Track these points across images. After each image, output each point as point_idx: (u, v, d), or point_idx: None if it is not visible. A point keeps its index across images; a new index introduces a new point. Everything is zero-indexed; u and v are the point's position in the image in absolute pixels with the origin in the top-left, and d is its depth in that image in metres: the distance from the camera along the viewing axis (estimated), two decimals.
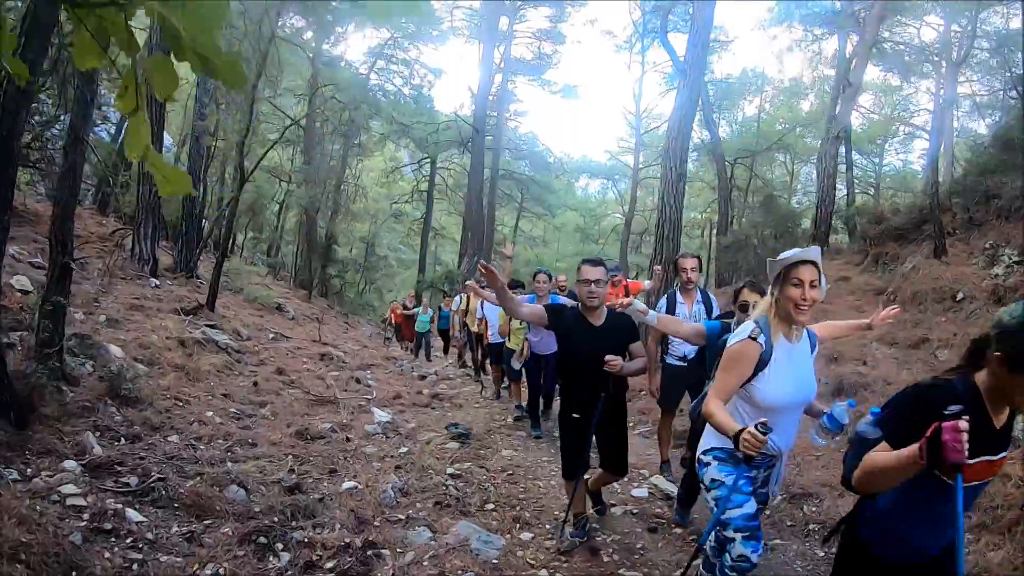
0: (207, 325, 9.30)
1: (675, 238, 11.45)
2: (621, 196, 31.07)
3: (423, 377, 10.24)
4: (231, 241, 25.56)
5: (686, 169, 11.64)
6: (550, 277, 6.52)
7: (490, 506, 4.52)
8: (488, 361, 8.90)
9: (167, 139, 21.79)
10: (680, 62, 20.13)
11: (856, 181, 25.33)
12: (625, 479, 4.72)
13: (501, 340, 7.61)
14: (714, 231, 24.41)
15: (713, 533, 2.80)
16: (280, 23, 15.48)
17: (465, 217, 28.80)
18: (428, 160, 33.91)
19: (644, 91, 27.72)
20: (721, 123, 29.92)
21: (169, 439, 4.92)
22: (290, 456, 5.05)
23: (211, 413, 5.73)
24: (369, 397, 7.94)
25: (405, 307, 14.00)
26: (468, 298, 9.68)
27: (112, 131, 18.44)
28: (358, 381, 8.83)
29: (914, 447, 1.69)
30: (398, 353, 14.46)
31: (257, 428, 5.72)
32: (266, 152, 13.29)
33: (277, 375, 8.20)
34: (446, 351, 14.39)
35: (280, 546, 3.46)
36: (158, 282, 11.81)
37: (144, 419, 5.11)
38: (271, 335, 11.21)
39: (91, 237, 14.54)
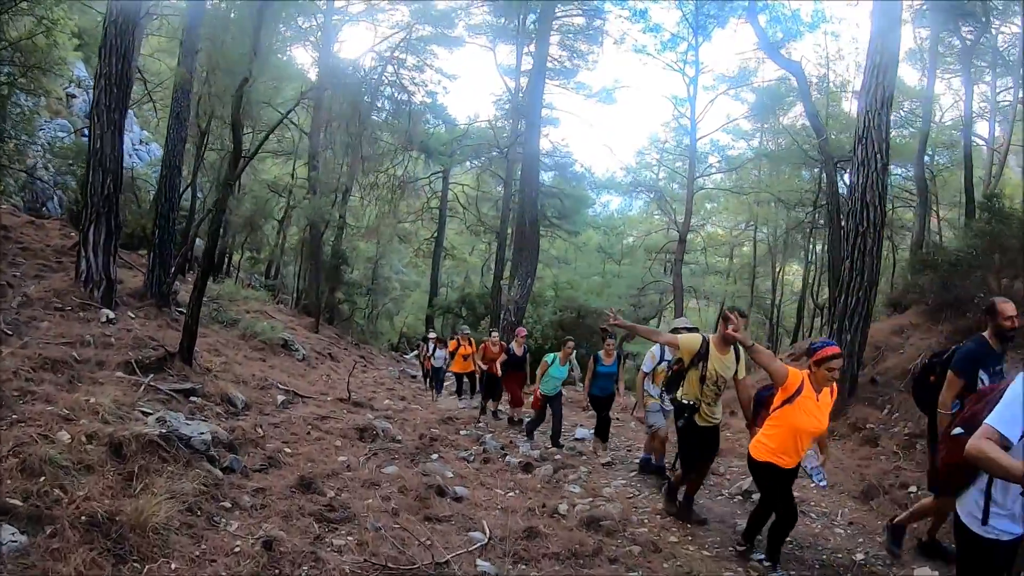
0: (176, 392, 5.51)
1: (877, 251, 7.82)
2: (672, 210, 27.36)
3: (527, 467, 6.39)
4: (226, 259, 21.93)
5: (889, 157, 8.07)
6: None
7: None
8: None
9: (157, 148, 18.21)
10: (768, 42, 16.80)
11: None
12: None
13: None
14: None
15: None
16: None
17: (500, 231, 25.22)
18: (440, 174, 30.45)
19: (694, 93, 23.93)
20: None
21: None
22: None
23: None
24: (482, 541, 4.16)
25: (507, 350, 9.10)
26: (707, 347, 4.59)
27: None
28: (441, 492, 5.01)
29: None
30: (447, 406, 10.63)
31: None
32: (271, 131, 9.61)
33: (302, 496, 4.39)
34: (604, 434, 7.61)
35: None
36: (113, 314, 8.02)
37: None
38: (280, 396, 7.39)
39: (43, 251, 10.83)
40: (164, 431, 4.02)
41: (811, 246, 22.94)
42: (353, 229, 27.27)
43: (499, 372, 9.19)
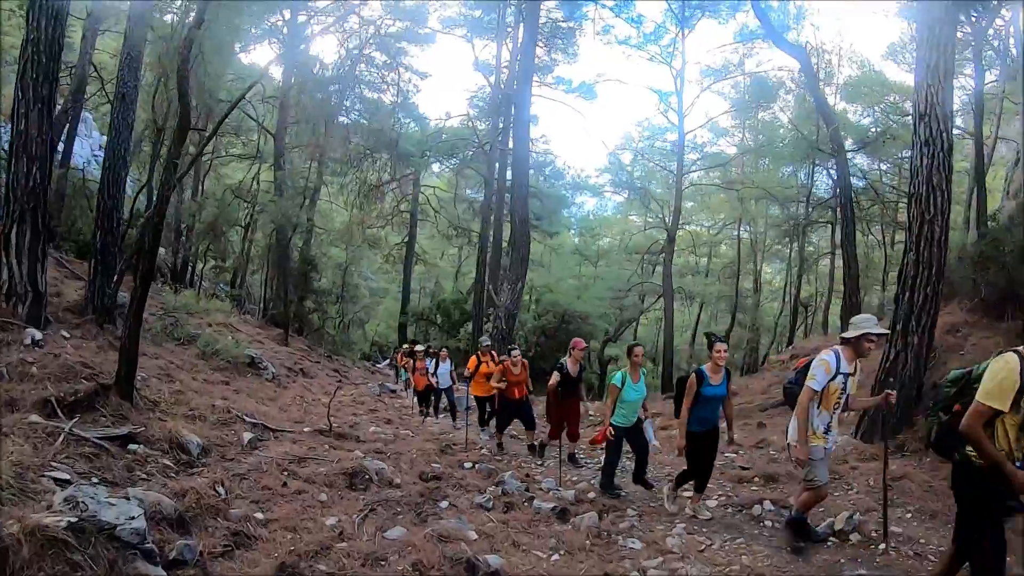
0: (107, 440, 4.16)
1: (945, 241, 6.87)
2: (660, 207, 26.46)
3: (562, 513, 5.14)
4: (189, 268, 20.17)
5: (953, 139, 7.18)
6: None
7: None
8: None
9: (97, 136, 16.57)
10: (772, 27, 15.86)
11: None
12: None
13: None
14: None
15: None
16: None
17: (483, 232, 23.98)
18: (410, 176, 28.93)
19: (680, 86, 23.16)
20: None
21: None
22: None
23: None
24: None
25: (562, 368, 6.82)
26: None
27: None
28: (471, 569, 3.77)
29: None
30: (439, 430, 9.34)
31: None
32: (233, 106, 8.23)
33: None
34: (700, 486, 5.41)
35: None
36: (40, 335, 6.57)
37: None
38: (247, 433, 6.03)
39: None
40: (75, 519, 2.70)
41: (799, 243, 22.29)
42: (322, 234, 25.73)
43: (520, 396, 7.79)
